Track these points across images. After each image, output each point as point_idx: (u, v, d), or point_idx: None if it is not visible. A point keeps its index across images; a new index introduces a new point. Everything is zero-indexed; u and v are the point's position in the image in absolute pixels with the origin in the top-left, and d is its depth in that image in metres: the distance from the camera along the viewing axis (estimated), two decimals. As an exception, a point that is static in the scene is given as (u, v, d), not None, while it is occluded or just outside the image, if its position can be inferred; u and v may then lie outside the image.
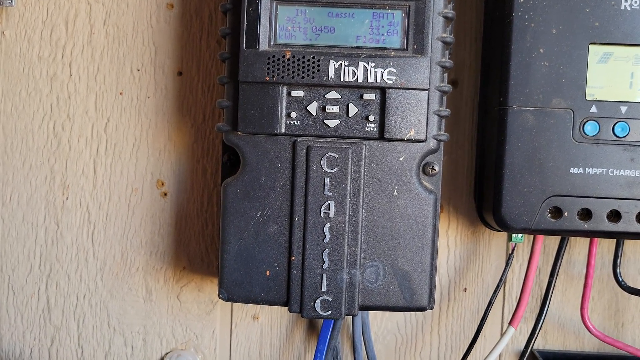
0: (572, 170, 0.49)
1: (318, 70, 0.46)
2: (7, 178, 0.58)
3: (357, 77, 0.46)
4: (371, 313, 0.58)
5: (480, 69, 0.55)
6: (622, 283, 0.53)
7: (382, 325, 0.59)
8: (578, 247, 0.57)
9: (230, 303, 0.59)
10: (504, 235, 0.57)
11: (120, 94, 0.58)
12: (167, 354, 0.59)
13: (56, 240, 0.59)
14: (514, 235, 0.54)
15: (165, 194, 0.58)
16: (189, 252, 0.58)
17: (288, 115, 0.47)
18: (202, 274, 0.59)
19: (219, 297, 0.49)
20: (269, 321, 0.59)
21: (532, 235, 0.54)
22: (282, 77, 0.46)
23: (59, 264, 0.59)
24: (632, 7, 0.48)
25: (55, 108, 0.58)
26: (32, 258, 0.59)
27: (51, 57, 0.58)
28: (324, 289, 0.48)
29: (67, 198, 0.58)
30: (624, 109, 0.49)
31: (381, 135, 0.47)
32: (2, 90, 0.58)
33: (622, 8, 0.48)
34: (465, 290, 0.58)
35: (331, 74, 0.46)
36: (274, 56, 0.46)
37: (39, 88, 0.58)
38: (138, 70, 0.57)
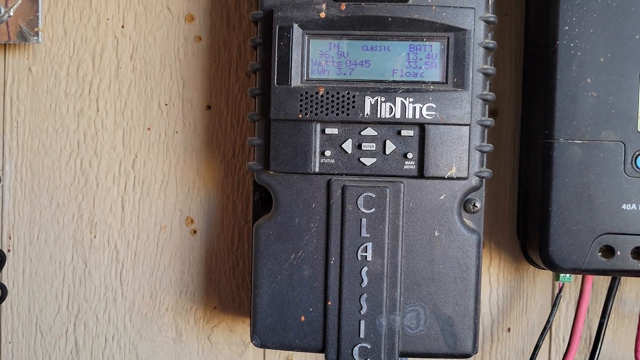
0: (624, 206, 0.46)
1: (353, 107, 0.44)
2: (35, 216, 0.57)
3: (395, 113, 0.44)
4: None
5: (522, 100, 0.53)
6: (680, 324, 0.50)
7: (421, 367, 0.56)
8: (629, 283, 0.54)
9: (262, 345, 0.57)
10: (549, 272, 0.54)
11: (148, 129, 0.56)
12: (198, 397, 0.57)
13: (84, 280, 0.57)
14: (562, 275, 0.51)
15: (195, 232, 0.56)
16: (220, 291, 0.56)
17: (322, 154, 0.45)
18: (234, 314, 0.57)
19: (252, 344, 0.47)
20: (303, 363, 0.57)
21: (582, 275, 0.51)
22: (316, 114, 0.44)
23: (87, 304, 0.57)
24: (686, 33, 0.45)
25: (83, 144, 0.57)
26: (59, 298, 0.58)
27: (78, 92, 0.56)
28: (362, 335, 0.45)
29: (94, 236, 0.57)
30: (679, 140, 0.46)
31: (420, 174, 0.44)
32: (30, 127, 0.57)
33: (676, 34, 0.45)
34: (509, 330, 0.55)
35: (367, 110, 0.44)
36: (306, 92, 0.44)
37: (66, 124, 0.57)
38: (166, 104, 0.56)
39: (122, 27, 0.56)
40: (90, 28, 0.56)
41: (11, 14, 0.54)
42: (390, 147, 0.45)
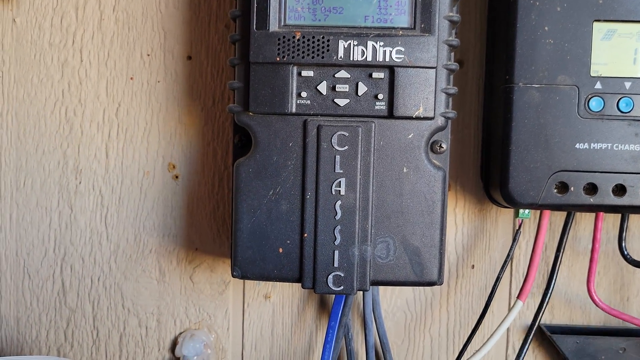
0: (577, 145, 0.50)
1: (327, 50, 0.47)
2: (21, 163, 0.59)
3: (366, 57, 0.47)
4: (381, 290, 0.59)
5: (486, 48, 0.56)
6: (628, 257, 0.54)
7: (392, 302, 0.60)
8: (584, 222, 0.58)
9: (242, 282, 0.60)
10: (510, 212, 0.58)
11: (131, 79, 0.58)
12: (180, 333, 0.60)
13: (70, 224, 0.60)
14: (521, 211, 0.55)
15: (177, 177, 0.59)
16: (201, 233, 0.59)
17: (299, 95, 0.48)
18: (214, 255, 0.60)
19: (233, 275, 0.50)
20: (281, 300, 0.60)
21: (539, 211, 0.55)
22: (293, 57, 0.47)
23: (73, 247, 0.60)
24: (635, -16, 0.49)
25: (67, 94, 0.59)
26: (46, 242, 0.60)
27: (62, 43, 0.58)
28: (336, 264, 0.49)
29: (80, 182, 0.59)
30: (628, 84, 0.50)
31: (390, 114, 0.48)
32: (15, 77, 0.59)
33: (626, -15, 0.49)
34: (473, 267, 0.59)
35: (340, 53, 0.47)
36: (284, 37, 0.47)
37: (51, 74, 0.59)
38: (148, 55, 0.58)
39: (105, -21, 0.58)
40: (73, -20, 0.58)
41: (-4, -36, 0.55)
42: (362, 88, 0.48)
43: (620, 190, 0.50)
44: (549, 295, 0.55)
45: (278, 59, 0.47)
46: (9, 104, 0.59)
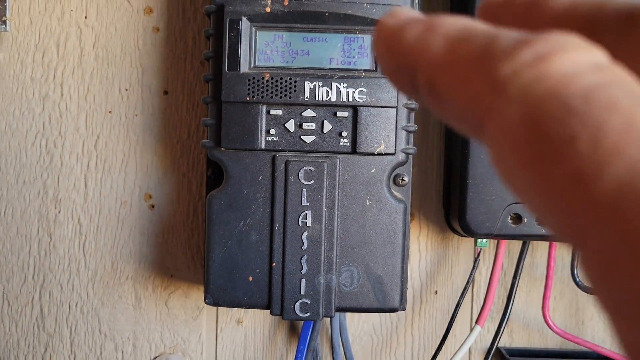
0: (530, 179, 0.53)
1: (295, 91, 0.50)
2: (2, 193, 0.61)
3: (331, 97, 0.50)
4: (348, 316, 0.61)
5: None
6: (580, 283, 0.57)
7: (359, 327, 0.62)
8: (540, 250, 0.61)
9: (215, 308, 0.62)
10: (471, 240, 0.61)
11: (110, 112, 0.61)
12: (155, 358, 0.63)
13: (49, 252, 0.62)
14: (479, 240, 0.59)
15: (153, 206, 0.61)
16: (176, 261, 0.62)
17: (268, 132, 0.51)
18: (189, 282, 0.62)
19: (205, 302, 0.53)
20: (253, 325, 0.63)
21: (497, 240, 0.58)
22: (262, 97, 0.50)
23: (52, 274, 0.62)
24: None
25: (48, 126, 0.61)
26: (26, 269, 0.62)
27: (43, 78, 0.61)
28: (302, 292, 0.51)
29: (59, 211, 0.62)
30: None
31: (354, 150, 0.51)
32: (-3, 110, 0.61)
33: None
34: (436, 292, 0.62)
35: (307, 93, 0.50)
36: (254, 78, 0.50)
37: (32, 107, 0.61)
38: (126, 89, 0.61)
39: (85, 17, 0.61)
40: (55, 18, 0.61)
41: (-20, 4, 0.58)
42: (327, 126, 0.51)
43: (570, 221, 0.53)
44: (505, 320, 0.58)
45: (248, 98, 0.50)
46: (-9, 135, 0.61)
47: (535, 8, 0.18)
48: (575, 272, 0.57)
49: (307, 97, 0.50)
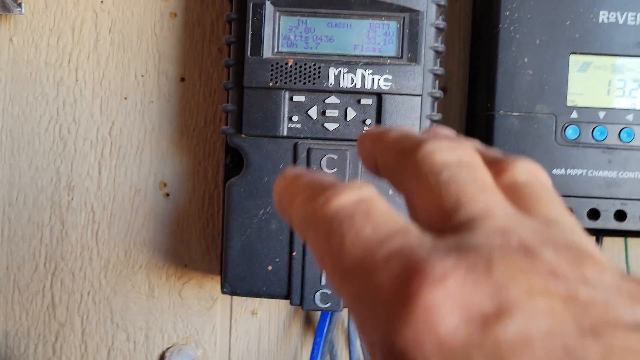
0: (554, 171, 0.52)
1: (319, 77, 0.49)
2: (14, 179, 0.60)
3: (355, 84, 0.49)
4: (365, 308, 0.60)
5: (469, 77, 0.59)
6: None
7: (375, 319, 0.61)
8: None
9: (230, 299, 0.61)
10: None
11: (125, 98, 0.60)
12: (168, 348, 0.62)
13: (61, 240, 0.61)
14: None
15: (168, 195, 0.61)
16: (191, 250, 0.61)
17: (290, 119, 0.50)
18: (203, 272, 0.61)
19: (223, 292, 0.52)
20: (267, 316, 0.62)
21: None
22: (285, 83, 0.49)
23: (64, 262, 0.61)
24: (609, 20, 0.52)
25: (62, 112, 0.60)
26: (37, 257, 0.61)
27: (58, 62, 0.60)
28: (323, 282, 0.50)
29: (72, 199, 0.61)
30: (602, 114, 0.52)
31: (377, 138, 0.50)
32: (10, 94, 0.60)
33: (600, 21, 0.52)
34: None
35: (331, 80, 0.49)
36: (277, 63, 0.49)
37: (46, 92, 0.60)
38: (142, 76, 0.60)
39: (101, 2, 0.60)
40: (71, 2, 0.59)
41: (-4, -15, 0.57)
42: (351, 114, 0.50)
43: (593, 214, 0.53)
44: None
45: (271, 84, 0.49)
46: (4, 120, 0.60)
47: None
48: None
49: (331, 84, 0.49)
